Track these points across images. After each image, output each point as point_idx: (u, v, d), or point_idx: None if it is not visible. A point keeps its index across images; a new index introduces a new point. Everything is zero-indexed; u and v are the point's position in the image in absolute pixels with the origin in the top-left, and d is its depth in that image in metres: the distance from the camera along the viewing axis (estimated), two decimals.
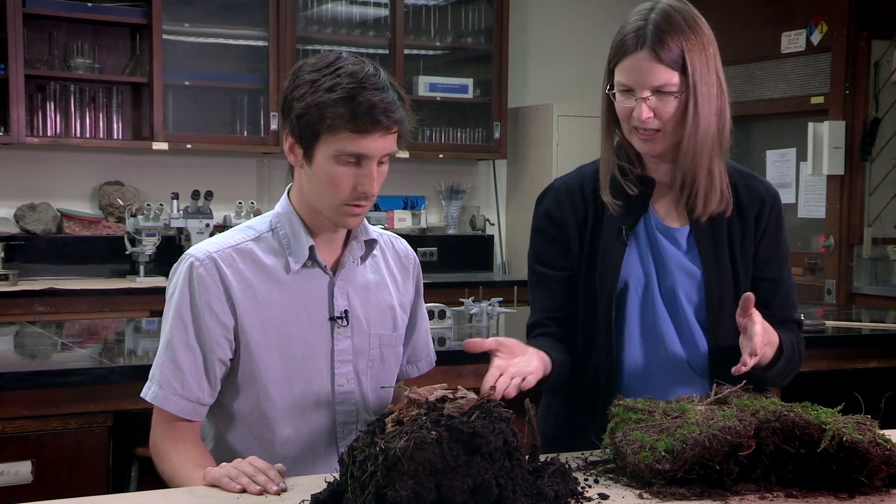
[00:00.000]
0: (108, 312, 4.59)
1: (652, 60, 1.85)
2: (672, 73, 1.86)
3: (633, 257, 1.97)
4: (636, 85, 1.88)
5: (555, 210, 2.03)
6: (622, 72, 1.90)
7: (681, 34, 1.86)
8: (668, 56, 1.85)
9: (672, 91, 1.86)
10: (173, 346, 1.80)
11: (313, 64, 1.79)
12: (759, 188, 2.02)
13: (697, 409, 1.68)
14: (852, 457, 1.57)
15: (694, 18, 1.90)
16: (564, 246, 2.01)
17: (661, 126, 1.89)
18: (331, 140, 1.74)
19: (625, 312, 1.97)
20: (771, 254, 2.00)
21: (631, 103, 1.89)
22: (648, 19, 1.88)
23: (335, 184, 1.77)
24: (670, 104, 1.87)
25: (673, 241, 1.97)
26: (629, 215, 1.97)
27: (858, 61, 5.43)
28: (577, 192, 2.03)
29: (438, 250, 5.94)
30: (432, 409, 1.48)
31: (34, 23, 4.96)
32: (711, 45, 1.90)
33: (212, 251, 1.83)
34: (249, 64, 5.51)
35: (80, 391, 2.46)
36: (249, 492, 1.58)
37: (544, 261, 2.04)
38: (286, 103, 1.79)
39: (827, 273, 5.54)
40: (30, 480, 2.40)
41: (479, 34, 6.00)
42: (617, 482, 1.65)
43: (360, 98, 1.72)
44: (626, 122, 1.92)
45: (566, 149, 5.82)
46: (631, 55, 1.88)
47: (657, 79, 1.86)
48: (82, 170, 5.24)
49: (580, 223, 2.00)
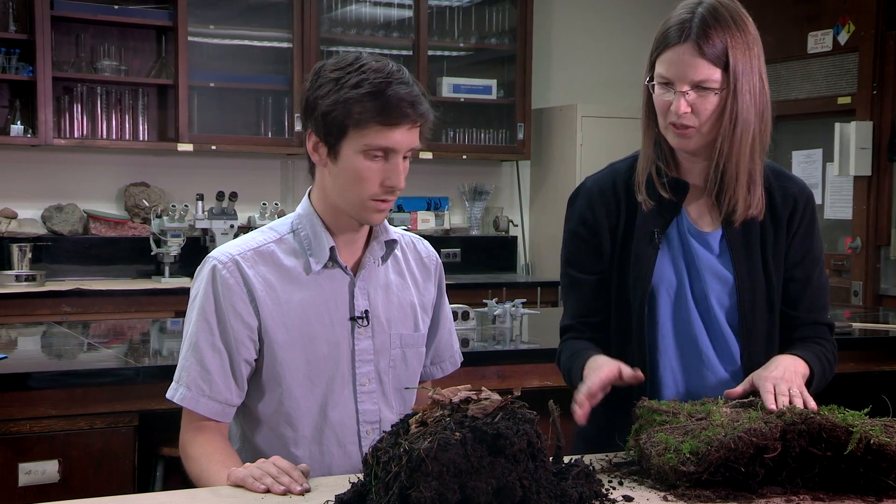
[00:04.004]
0: (133, 313, 4.62)
1: (694, 54, 1.82)
2: (714, 69, 1.83)
3: (666, 261, 1.95)
4: (676, 78, 1.84)
5: (587, 212, 2.00)
6: (663, 64, 1.86)
7: (726, 30, 1.83)
8: (712, 51, 1.82)
9: (712, 87, 1.83)
10: (199, 347, 1.81)
11: (334, 64, 1.80)
12: (793, 189, 1.99)
13: (723, 411, 1.67)
14: (880, 460, 1.56)
15: (741, 16, 1.87)
16: (597, 249, 1.99)
17: (697, 123, 1.85)
18: (358, 135, 1.75)
19: (657, 316, 1.95)
20: (801, 254, 1.97)
21: (670, 96, 1.86)
22: (695, 13, 1.85)
23: (363, 179, 1.77)
24: (709, 101, 1.84)
25: (705, 244, 1.95)
26: (661, 217, 1.95)
27: (886, 61, 5.38)
28: (609, 192, 1.99)
29: (462, 251, 5.94)
30: (456, 410, 1.47)
31: (62, 25, 5.00)
32: (756, 45, 1.87)
33: (234, 253, 1.84)
34: (274, 65, 5.53)
35: (106, 391, 2.48)
36: (273, 492, 1.58)
37: (577, 264, 2.02)
38: (309, 103, 1.80)
39: (854, 275, 5.50)
40: (57, 480, 2.42)
41: (502, 35, 5.99)
42: (641, 484, 1.65)
43: (388, 91, 1.73)
44: (663, 116, 1.89)
45: (590, 150, 5.81)
46: (673, 47, 1.85)
47: (698, 73, 1.83)
48: (108, 171, 5.28)
49: (613, 225, 1.98)
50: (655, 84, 1.88)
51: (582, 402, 1.75)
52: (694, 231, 1.95)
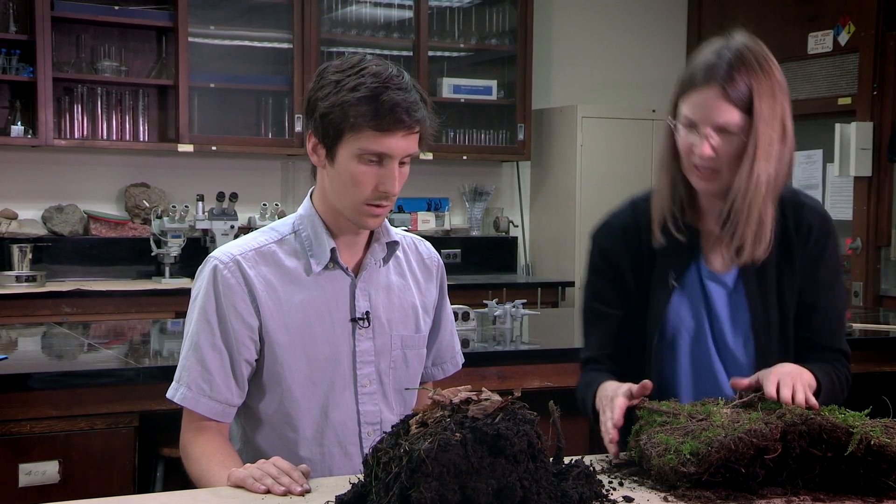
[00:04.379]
0: (133, 313, 4.62)
1: (719, 97, 1.83)
2: (737, 113, 1.84)
3: (685, 306, 1.97)
4: (701, 120, 1.86)
5: (609, 249, 2.03)
6: (688, 105, 1.88)
7: (752, 75, 1.84)
8: (736, 95, 1.83)
9: (734, 131, 1.84)
10: (200, 347, 1.81)
11: (337, 65, 1.80)
12: (808, 216, 1.98)
13: (723, 412, 1.67)
14: (880, 460, 1.56)
15: (767, 61, 1.87)
16: (620, 283, 2.01)
17: (720, 165, 1.87)
18: (353, 139, 1.75)
19: (677, 357, 1.98)
20: (809, 280, 1.97)
21: (694, 138, 1.87)
22: (722, 56, 1.85)
23: (357, 183, 1.77)
24: (731, 144, 1.85)
25: (722, 284, 1.97)
26: (677, 259, 1.97)
27: (886, 61, 5.38)
28: (631, 230, 2.02)
29: (462, 252, 5.94)
30: (456, 410, 1.47)
31: (62, 26, 5.01)
32: (781, 91, 1.87)
33: (235, 253, 1.84)
34: (274, 66, 5.53)
35: (106, 392, 2.48)
36: (274, 493, 1.58)
37: (602, 298, 2.04)
38: (310, 104, 1.81)
39: (854, 275, 5.49)
40: (57, 480, 2.42)
41: (503, 36, 5.99)
42: (641, 485, 1.65)
43: (383, 97, 1.73)
44: (687, 158, 1.91)
45: (590, 150, 5.81)
46: (699, 90, 1.85)
47: (722, 116, 1.84)
48: (109, 172, 5.28)
49: (634, 261, 2.00)
50: (680, 125, 1.90)
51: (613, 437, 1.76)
52: (709, 274, 1.98)
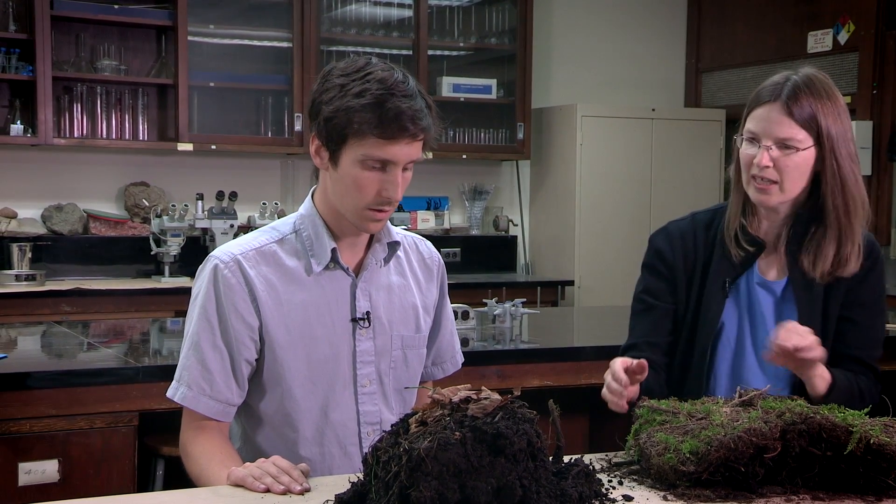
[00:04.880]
0: (133, 312, 4.62)
1: (782, 113, 1.93)
2: (799, 130, 1.92)
3: (731, 309, 2.05)
4: (762, 133, 1.95)
5: (667, 250, 2.11)
6: (752, 120, 1.97)
7: (816, 98, 1.93)
8: (800, 113, 1.92)
9: (795, 146, 1.92)
10: (200, 347, 1.81)
11: (343, 68, 1.79)
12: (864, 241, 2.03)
13: (722, 411, 1.67)
14: (880, 459, 1.56)
15: (832, 89, 1.97)
16: (672, 284, 2.09)
17: (778, 178, 1.94)
18: (357, 145, 1.74)
19: (715, 360, 2.04)
20: (852, 297, 2.03)
21: (754, 150, 1.96)
22: (789, 78, 1.96)
23: (359, 188, 1.77)
24: (791, 159, 1.93)
25: (770, 292, 2.04)
26: (734, 269, 2.04)
27: (886, 60, 5.38)
28: (689, 238, 2.10)
29: (462, 251, 5.94)
30: (456, 409, 1.47)
31: (61, 25, 5.00)
32: (846, 117, 1.97)
33: (236, 253, 1.84)
34: (274, 65, 5.53)
35: (106, 391, 2.48)
36: (273, 492, 1.58)
37: (653, 292, 2.11)
38: (314, 106, 1.80)
39: None
40: (56, 479, 2.42)
41: (502, 35, 5.99)
42: (641, 484, 1.65)
43: (388, 104, 1.72)
44: (747, 170, 1.98)
45: (590, 149, 5.81)
46: (763, 105, 1.95)
47: (783, 131, 1.92)
48: (108, 171, 5.28)
49: (689, 269, 2.08)
50: (743, 139, 1.99)
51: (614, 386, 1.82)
52: (760, 281, 2.05)
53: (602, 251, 5.82)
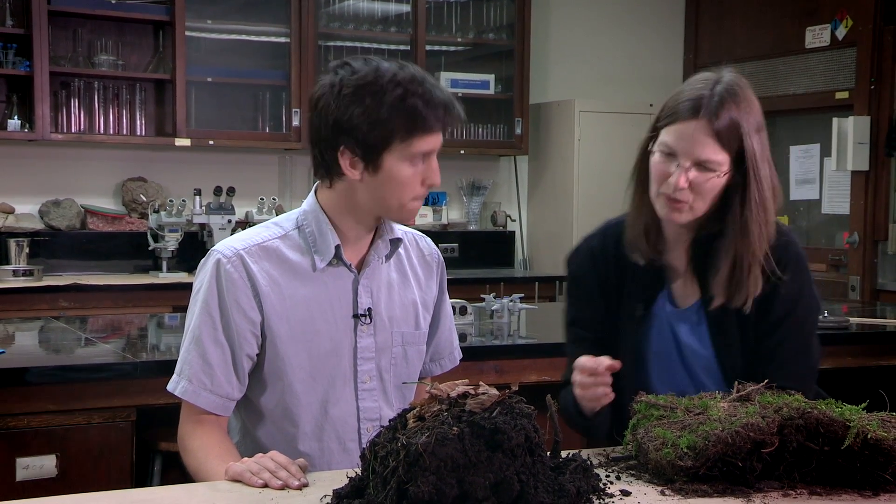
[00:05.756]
0: (131, 308, 4.62)
1: (706, 134, 1.81)
2: (721, 152, 1.82)
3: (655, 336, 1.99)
4: (682, 152, 1.84)
5: (580, 274, 2.07)
6: (671, 134, 1.85)
7: (741, 114, 1.82)
8: (724, 133, 1.81)
9: (714, 169, 1.83)
10: (202, 341, 1.81)
11: (356, 79, 1.76)
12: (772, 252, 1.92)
13: (720, 406, 1.68)
14: (877, 454, 1.56)
15: (752, 99, 1.86)
16: (593, 308, 2.04)
17: (691, 199, 1.85)
18: (403, 147, 1.77)
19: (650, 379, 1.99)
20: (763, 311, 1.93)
21: (670, 168, 1.85)
22: (714, 91, 1.83)
23: (407, 184, 1.80)
24: (710, 182, 1.84)
25: (686, 319, 1.98)
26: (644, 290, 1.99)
27: (884, 56, 5.38)
28: (599, 257, 2.04)
29: (460, 246, 5.94)
30: (454, 405, 1.48)
31: (59, 20, 4.99)
32: (763, 130, 1.87)
33: (239, 248, 1.84)
34: (272, 60, 5.52)
35: (104, 386, 2.48)
36: (271, 486, 1.59)
37: (578, 322, 2.07)
38: (340, 123, 1.76)
39: (851, 269, 5.50)
40: (54, 474, 2.42)
41: (500, 30, 5.98)
42: (639, 479, 1.65)
43: (434, 102, 1.76)
44: (657, 184, 1.89)
45: (588, 145, 5.80)
46: (686, 121, 1.83)
47: (705, 152, 1.82)
48: (106, 166, 5.28)
49: (605, 288, 2.03)
50: (658, 152, 1.88)
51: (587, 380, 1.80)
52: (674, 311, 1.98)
53: None
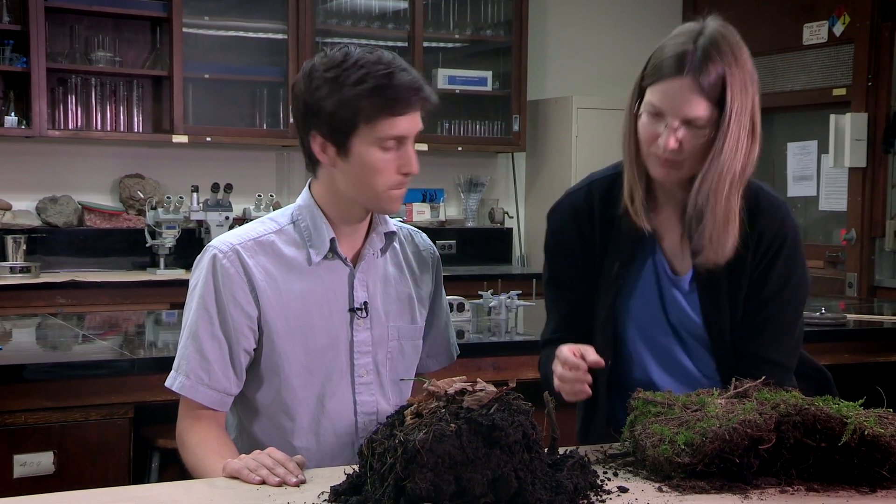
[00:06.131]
0: (128, 305, 4.62)
1: (693, 91, 1.75)
2: (708, 106, 1.75)
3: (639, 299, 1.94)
4: (669, 111, 1.78)
5: (560, 231, 1.99)
6: (657, 94, 1.79)
7: (726, 67, 1.75)
8: (709, 86, 1.74)
9: (703, 125, 1.77)
10: (199, 336, 1.81)
11: (326, 63, 1.78)
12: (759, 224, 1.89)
13: (717, 403, 1.68)
14: (874, 451, 1.56)
15: (740, 49, 1.79)
16: (573, 266, 1.97)
17: (681, 157, 1.80)
18: (369, 129, 1.76)
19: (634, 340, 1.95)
20: (757, 287, 1.90)
21: (658, 129, 1.80)
22: (696, 44, 1.76)
23: (379, 170, 1.78)
24: (697, 138, 1.78)
25: (677, 286, 1.93)
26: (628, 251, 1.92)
27: (881, 53, 5.38)
28: (582, 212, 1.96)
29: (457, 243, 5.93)
30: (451, 401, 1.48)
31: (56, 16, 4.98)
32: (752, 84, 1.79)
33: (235, 243, 1.84)
34: (269, 57, 5.52)
35: (101, 383, 2.48)
36: (268, 483, 1.59)
37: (556, 281, 2.01)
38: (308, 106, 1.79)
39: (849, 266, 5.50)
40: (52, 471, 2.42)
41: (498, 27, 5.98)
42: (636, 475, 1.65)
43: (395, 81, 1.74)
44: (647, 146, 1.83)
45: (585, 141, 5.81)
46: (670, 79, 1.77)
47: (693, 110, 1.76)
48: (103, 163, 5.27)
49: (587, 242, 1.95)
50: (644, 112, 1.82)
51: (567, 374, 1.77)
52: (667, 276, 1.93)
53: None
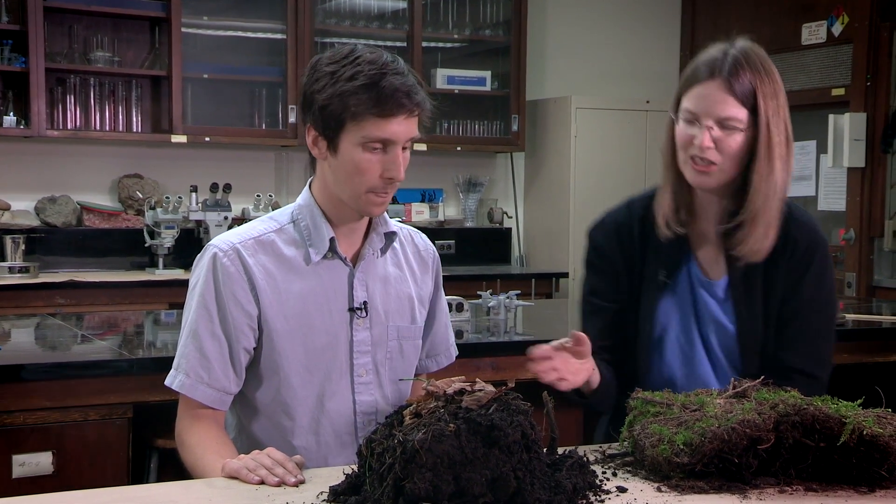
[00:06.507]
0: (127, 305, 4.62)
1: (723, 91, 1.86)
2: (741, 108, 1.86)
3: (674, 308, 2.00)
4: (703, 112, 1.88)
5: (604, 245, 2.07)
6: (691, 99, 1.90)
7: (755, 73, 1.87)
8: (740, 90, 1.86)
9: (737, 126, 1.86)
10: (199, 335, 1.81)
11: (330, 57, 1.80)
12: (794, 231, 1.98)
13: (716, 403, 1.68)
14: (873, 451, 1.56)
15: (770, 64, 1.91)
16: (614, 279, 2.05)
17: (718, 160, 1.88)
18: (356, 128, 1.75)
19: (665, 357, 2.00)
20: (788, 294, 1.97)
21: (694, 131, 1.89)
22: (727, 53, 1.89)
23: (362, 171, 1.78)
24: (733, 139, 1.87)
25: (712, 293, 2.00)
26: (670, 259, 2.00)
27: (880, 52, 5.39)
28: (624, 228, 2.05)
29: (456, 243, 5.93)
30: (450, 401, 1.48)
31: (54, 16, 4.98)
32: (782, 95, 1.91)
33: (235, 241, 1.84)
34: (268, 57, 5.52)
35: (100, 383, 2.48)
36: (268, 483, 1.59)
37: (598, 292, 2.07)
38: (306, 97, 1.81)
39: (847, 266, 5.51)
40: (51, 471, 2.42)
41: (497, 27, 5.98)
42: (635, 475, 1.65)
43: (382, 83, 1.74)
44: (684, 150, 1.92)
45: (584, 141, 5.80)
46: (702, 83, 1.89)
47: (725, 110, 1.86)
48: (102, 163, 5.27)
49: (627, 259, 2.04)
50: (681, 119, 1.92)
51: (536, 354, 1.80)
52: (702, 281, 2.00)
53: None
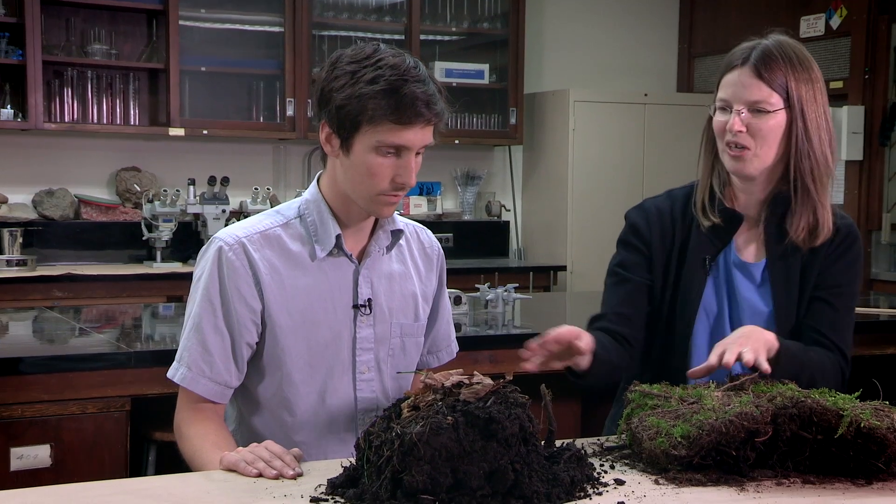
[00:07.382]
0: (125, 298, 4.61)
1: (752, 76, 1.90)
2: (770, 92, 1.90)
3: (710, 288, 2.02)
4: (733, 98, 1.92)
5: (643, 226, 2.08)
6: (723, 88, 1.95)
7: (787, 62, 1.91)
8: (770, 76, 1.90)
9: (767, 109, 1.90)
10: (202, 328, 1.81)
11: (352, 55, 1.78)
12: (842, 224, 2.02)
13: (714, 395, 1.68)
14: (870, 443, 1.57)
15: (805, 55, 1.95)
16: (648, 259, 2.06)
17: (752, 144, 1.91)
18: (371, 131, 1.74)
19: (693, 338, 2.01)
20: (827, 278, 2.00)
21: (726, 117, 1.93)
22: (759, 43, 1.95)
23: (373, 175, 1.77)
24: (765, 122, 1.90)
25: (748, 275, 2.01)
26: (712, 244, 2.02)
27: (878, 46, 5.38)
28: (666, 215, 2.07)
29: (454, 236, 5.94)
30: (448, 394, 1.48)
31: (52, 9, 4.97)
32: (819, 83, 1.94)
33: (241, 236, 1.84)
34: (266, 50, 5.51)
35: (98, 376, 2.48)
36: (266, 476, 1.59)
37: (627, 266, 2.08)
38: (324, 94, 1.79)
39: None
40: (49, 464, 2.42)
41: (495, 19, 5.97)
42: (633, 468, 1.65)
43: (403, 90, 1.72)
44: (721, 138, 1.96)
45: (582, 134, 5.80)
46: (734, 70, 1.94)
47: (754, 94, 1.90)
48: (99, 156, 5.26)
49: (667, 246, 2.05)
50: (716, 108, 1.96)
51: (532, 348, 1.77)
52: (738, 262, 2.02)
53: (594, 236, 5.82)
